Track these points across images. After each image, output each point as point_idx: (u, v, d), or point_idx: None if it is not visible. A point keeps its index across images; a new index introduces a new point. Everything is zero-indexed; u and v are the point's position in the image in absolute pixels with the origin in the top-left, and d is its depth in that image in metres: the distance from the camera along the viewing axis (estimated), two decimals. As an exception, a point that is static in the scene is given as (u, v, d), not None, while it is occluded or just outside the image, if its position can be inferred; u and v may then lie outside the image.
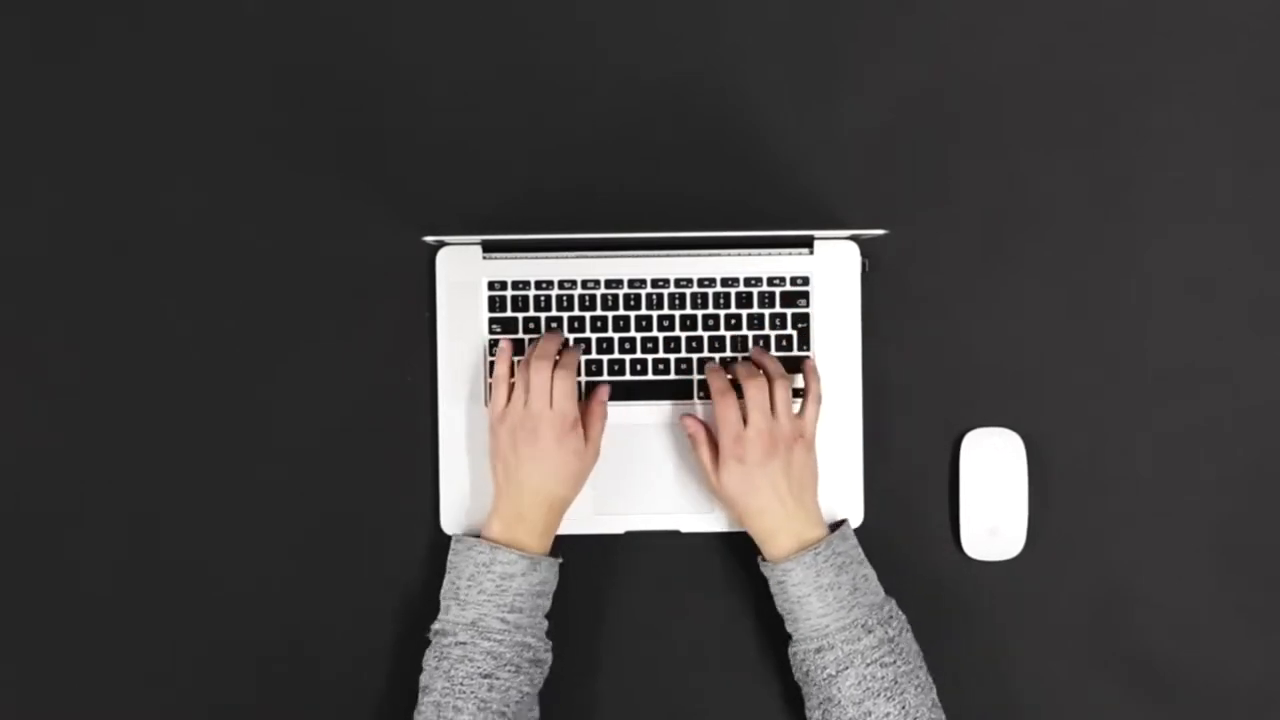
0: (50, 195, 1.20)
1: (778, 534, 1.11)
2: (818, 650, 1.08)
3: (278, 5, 1.21)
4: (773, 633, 1.17)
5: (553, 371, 1.11)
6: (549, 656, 1.11)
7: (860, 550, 1.12)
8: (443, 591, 1.11)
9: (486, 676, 1.06)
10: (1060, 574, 1.20)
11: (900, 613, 1.11)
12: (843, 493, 1.19)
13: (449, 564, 1.11)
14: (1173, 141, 1.21)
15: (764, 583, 1.15)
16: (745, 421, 1.11)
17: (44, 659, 1.19)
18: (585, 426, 1.13)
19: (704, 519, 1.19)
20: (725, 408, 1.12)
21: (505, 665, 1.07)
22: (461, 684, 1.06)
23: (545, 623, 1.11)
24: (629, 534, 1.19)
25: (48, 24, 1.21)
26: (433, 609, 1.12)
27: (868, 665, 1.06)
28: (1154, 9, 1.21)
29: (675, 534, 1.19)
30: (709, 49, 1.21)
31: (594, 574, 1.18)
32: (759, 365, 1.15)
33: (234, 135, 1.20)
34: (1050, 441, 1.20)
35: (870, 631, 1.07)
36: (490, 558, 1.08)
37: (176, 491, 1.19)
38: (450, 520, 1.19)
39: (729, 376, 1.14)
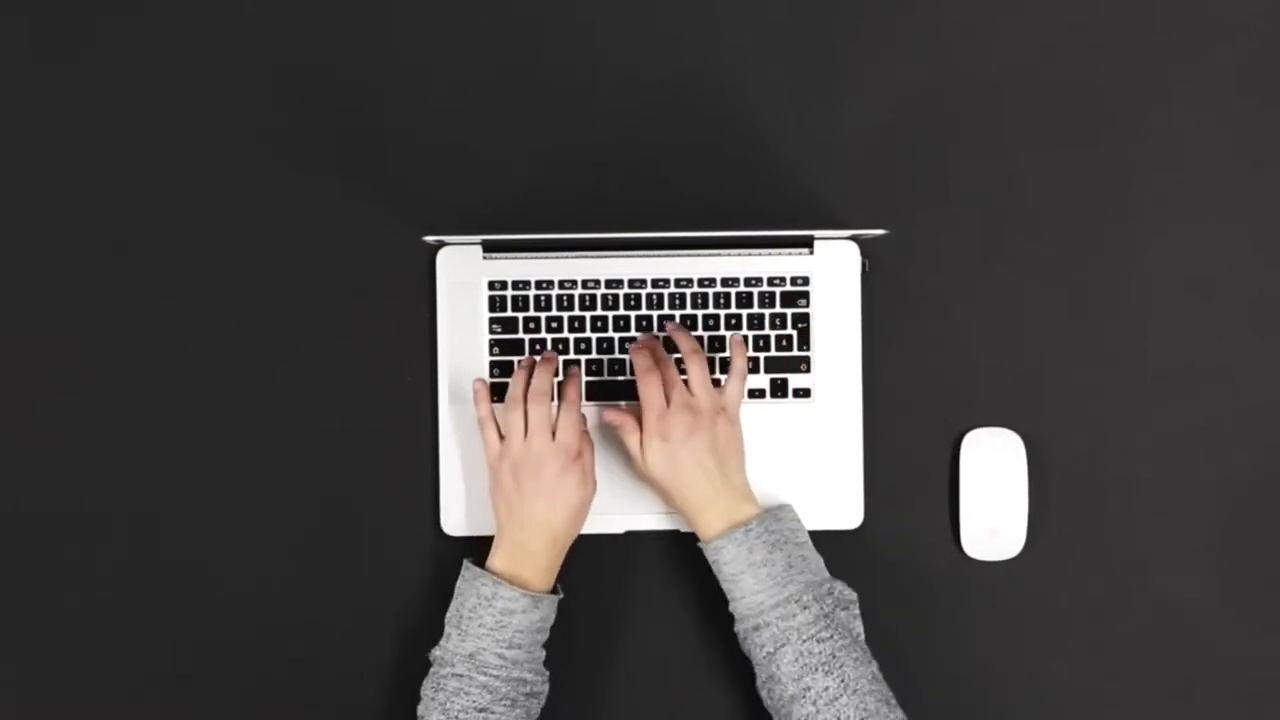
0: (50, 195, 1.20)
1: (706, 510, 1.10)
2: (755, 628, 1.07)
3: (278, 5, 1.21)
4: (773, 633, 1.17)
5: (553, 403, 1.11)
6: (546, 688, 1.11)
7: (804, 533, 1.11)
8: (448, 615, 1.10)
9: (482, 711, 1.06)
10: (1060, 574, 1.20)
11: (848, 593, 1.09)
12: (843, 493, 1.19)
13: (456, 589, 1.11)
14: (1173, 141, 1.21)
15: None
16: (668, 401, 1.11)
17: (44, 658, 1.19)
18: (581, 459, 1.12)
19: (704, 519, 1.19)
20: (649, 386, 1.11)
21: (501, 700, 1.07)
22: (457, 717, 1.06)
23: (543, 654, 1.11)
24: (629, 534, 1.19)
25: (48, 24, 1.21)
26: (432, 609, 1.12)
27: (804, 641, 1.05)
28: (1154, 9, 1.21)
29: (675, 534, 1.19)
30: (709, 49, 1.21)
31: (594, 574, 1.18)
32: (675, 339, 1.14)
33: (234, 135, 1.20)
34: (1050, 441, 1.20)
35: (805, 608, 1.06)
36: (493, 592, 1.08)
37: (176, 492, 1.19)
38: (450, 520, 1.19)
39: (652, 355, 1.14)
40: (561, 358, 1.17)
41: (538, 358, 1.14)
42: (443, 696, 1.07)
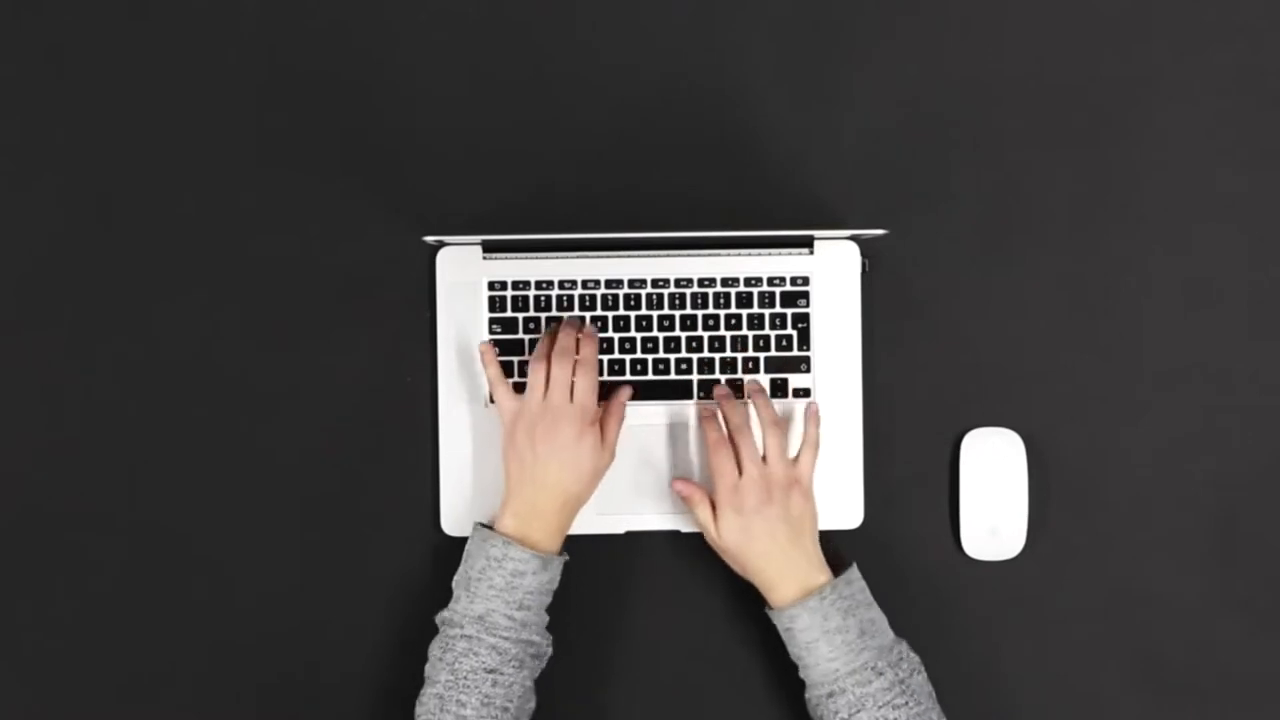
0: (50, 195, 1.20)
1: (780, 581, 1.10)
2: (829, 695, 1.07)
3: (278, 6, 1.21)
4: (772, 632, 1.17)
5: (574, 366, 1.11)
6: (550, 650, 1.11)
7: (868, 593, 1.11)
8: (455, 579, 1.11)
9: (491, 672, 1.06)
10: (1060, 574, 1.20)
11: (912, 654, 1.10)
12: (843, 493, 1.19)
13: (465, 551, 1.11)
14: (1172, 141, 1.21)
15: (764, 583, 1.15)
16: (740, 471, 1.11)
17: (43, 658, 1.19)
18: (603, 426, 1.12)
19: (704, 519, 1.19)
20: (721, 459, 1.12)
21: (510, 661, 1.07)
22: (466, 678, 1.06)
23: (548, 616, 1.11)
24: (629, 534, 1.19)
25: (48, 24, 1.21)
26: (433, 609, 1.12)
27: (880, 708, 1.06)
28: (1154, 9, 1.21)
29: (675, 534, 1.19)
30: (709, 49, 1.21)
31: (594, 574, 1.18)
32: (753, 404, 1.14)
33: (234, 135, 1.20)
34: (1050, 441, 1.20)
35: (881, 674, 1.07)
36: (503, 553, 1.08)
37: (175, 491, 1.19)
38: (450, 520, 1.19)
39: (722, 422, 1.14)
40: (586, 315, 1.17)
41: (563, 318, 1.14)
42: (450, 657, 1.07)
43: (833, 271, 1.19)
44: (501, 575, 1.08)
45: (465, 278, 1.19)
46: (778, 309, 1.19)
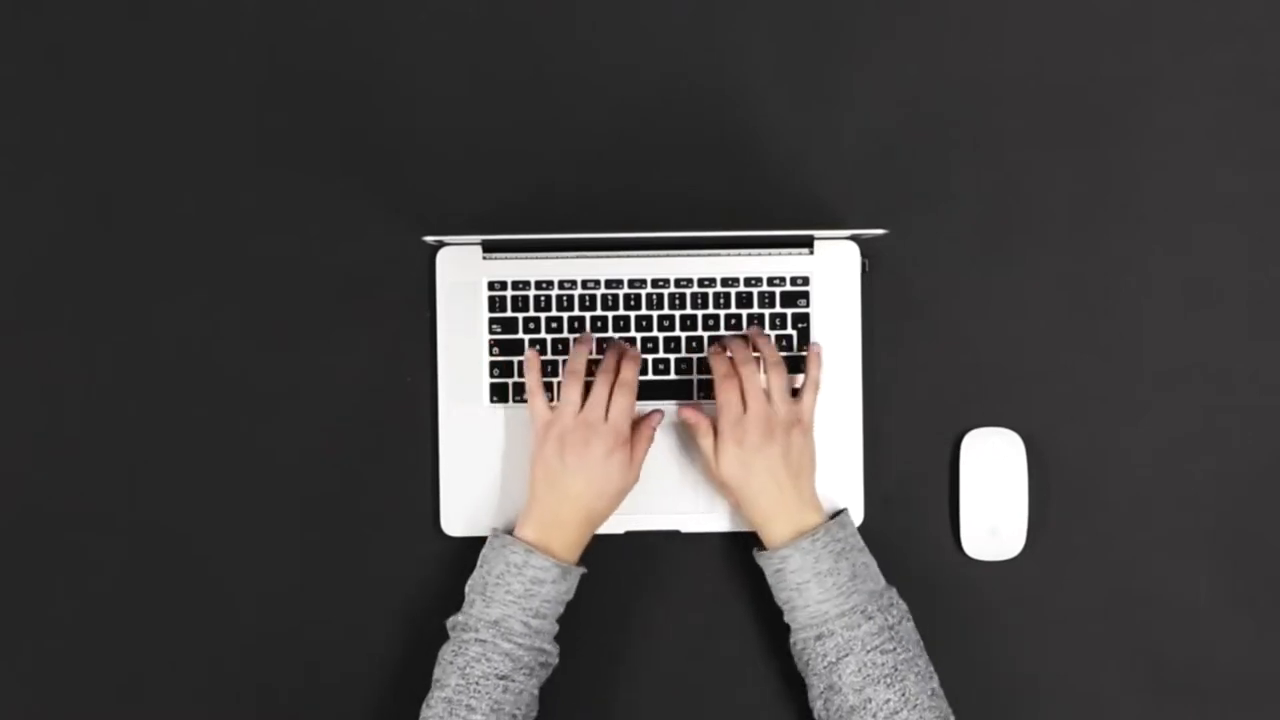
0: (50, 195, 1.20)
1: (775, 519, 1.11)
2: (817, 637, 1.08)
3: (278, 6, 1.21)
4: (773, 632, 1.17)
5: (613, 385, 1.11)
6: (557, 659, 1.11)
7: (860, 539, 1.12)
8: (469, 584, 1.11)
9: (503, 678, 1.06)
10: (1060, 574, 1.20)
11: (900, 601, 1.11)
12: (843, 493, 1.19)
13: (481, 557, 1.11)
14: (1173, 141, 1.21)
15: (763, 582, 1.15)
16: (745, 407, 1.11)
17: (43, 658, 1.19)
18: (630, 447, 1.12)
19: (704, 519, 1.19)
20: (727, 391, 1.12)
21: (522, 668, 1.07)
22: (477, 683, 1.06)
23: (558, 627, 1.11)
24: (629, 534, 1.19)
25: (48, 24, 1.21)
26: (433, 610, 1.12)
27: (867, 652, 1.06)
28: (1154, 9, 1.21)
29: (675, 534, 1.19)
30: (709, 49, 1.21)
31: (594, 574, 1.18)
32: (755, 349, 1.15)
33: (234, 135, 1.20)
34: (1050, 441, 1.20)
35: (870, 618, 1.07)
36: (524, 560, 1.08)
37: (175, 492, 1.19)
38: (450, 520, 1.19)
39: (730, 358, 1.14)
40: (622, 339, 1.17)
41: (597, 336, 1.15)
42: (462, 661, 1.07)
43: (833, 271, 1.19)
44: (520, 582, 1.08)
45: (465, 278, 1.19)
46: (778, 309, 1.19)
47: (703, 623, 1.19)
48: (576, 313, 1.18)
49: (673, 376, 1.18)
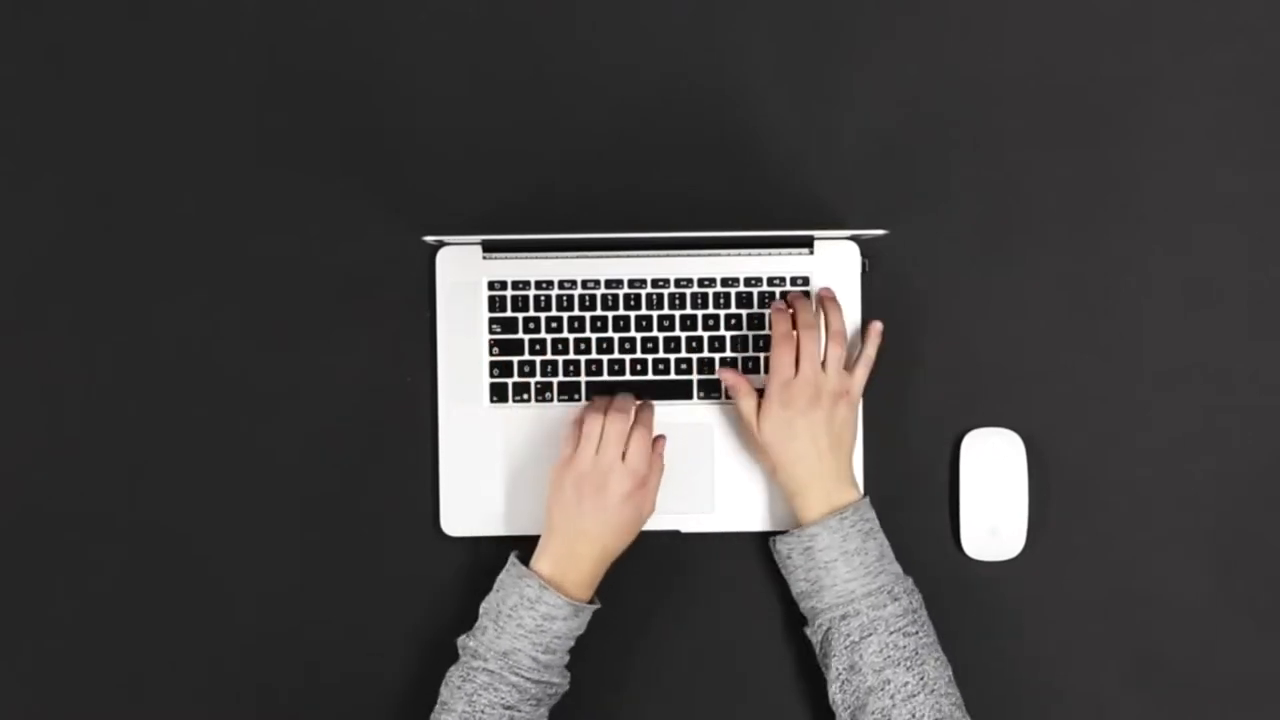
0: (50, 195, 1.20)
1: (810, 487, 1.11)
2: (843, 616, 1.07)
3: (278, 5, 1.21)
4: (773, 632, 1.17)
5: (631, 426, 1.11)
6: (567, 686, 1.11)
7: (878, 523, 1.12)
8: (484, 605, 1.10)
9: (509, 709, 1.06)
10: (1060, 574, 1.20)
11: (917, 591, 1.11)
12: (843, 493, 1.19)
13: (498, 581, 1.11)
14: (1172, 141, 1.21)
15: (764, 583, 1.15)
16: (796, 370, 1.11)
17: (43, 658, 1.19)
18: (646, 485, 1.12)
19: (704, 519, 1.19)
20: (783, 353, 1.11)
21: (528, 700, 1.07)
22: (483, 712, 1.06)
23: (569, 656, 1.11)
24: (629, 534, 1.19)
25: (48, 24, 1.21)
26: (433, 610, 1.12)
27: (891, 633, 1.06)
28: (1154, 9, 1.21)
29: (675, 534, 1.19)
30: (709, 49, 1.21)
31: (594, 574, 1.18)
32: (824, 310, 1.14)
33: (234, 135, 1.20)
34: (1050, 441, 1.20)
35: (896, 599, 1.07)
36: (538, 596, 1.08)
37: (176, 492, 1.19)
38: (450, 520, 1.19)
39: (791, 319, 1.14)
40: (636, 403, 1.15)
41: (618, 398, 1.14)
42: (470, 688, 1.07)
43: (833, 271, 1.19)
44: (533, 617, 1.08)
45: (465, 278, 1.19)
46: (778, 309, 1.19)
47: (703, 622, 1.19)
48: (576, 313, 1.18)
49: (673, 376, 1.18)
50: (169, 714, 1.19)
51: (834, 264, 1.19)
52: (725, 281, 1.19)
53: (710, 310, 1.19)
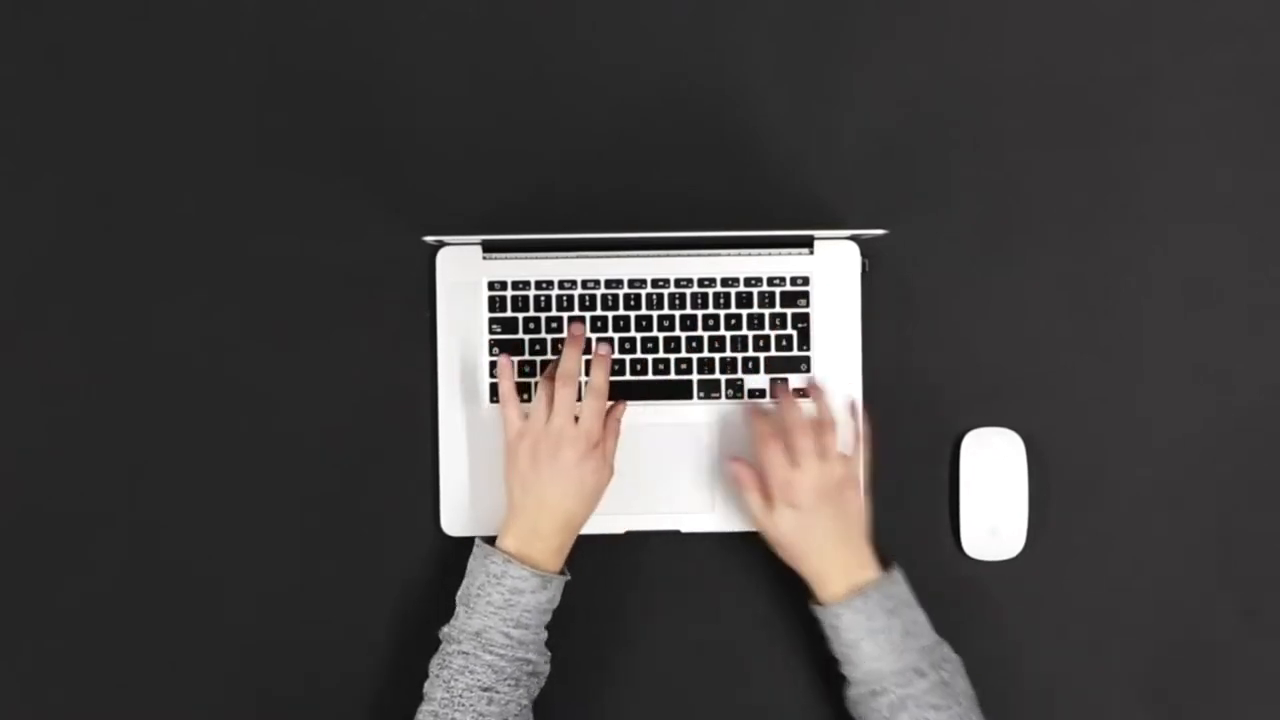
0: (50, 195, 1.20)
1: (829, 576, 1.11)
2: (873, 694, 1.08)
3: (278, 5, 1.21)
4: (773, 632, 1.17)
5: (580, 387, 1.11)
6: (548, 668, 1.11)
7: (911, 594, 1.12)
8: (458, 593, 1.11)
9: (486, 690, 1.06)
10: (1060, 574, 1.20)
11: (953, 655, 1.10)
12: (843, 493, 1.19)
13: (468, 567, 1.11)
14: (1172, 141, 1.21)
15: (763, 582, 1.15)
16: (791, 463, 1.11)
17: (43, 658, 1.19)
18: (603, 446, 1.12)
19: (704, 519, 1.19)
20: (773, 453, 1.11)
21: (505, 679, 1.07)
22: (461, 696, 1.06)
23: (546, 634, 1.11)
24: (629, 534, 1.19)
25: (48, 24, 1.21)
26: (433, 610, 1.12)
27: (921, 709, 1.06)
28: (1154, 9, 1.21)
29: (675, 534, 1.19)
30: (709, 49, 1.21)
31: (594, 574, 1.18)
32: (816, 405, 1.14)
33: (234, 135, 1.20)
34: (1050, 441, 1.20)
35: (923, 675, 1.07)
36: (502, 570, 1.08)
37: (176, 492, 1.19)
38: (450, 520, 1.19)
39: (770, 412, 1.14)
40: (593, 336, 1.17)
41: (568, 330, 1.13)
42: (447, 674, 1.07)
43: (833, 271, 1.19)
44: (500, 592, 1.08)
45: (465, 278, 1.19)
46: (778, 309, 1.19)
47: (703, 622, 1.19)
48: (576, 313, 1.18)
49: (673, 376, 1.18)
50: (169, 714, 1.19)
51: (834, 264, 1.19)
52: (725, 281, 1.19)
53: (710, 310, 1.19)
